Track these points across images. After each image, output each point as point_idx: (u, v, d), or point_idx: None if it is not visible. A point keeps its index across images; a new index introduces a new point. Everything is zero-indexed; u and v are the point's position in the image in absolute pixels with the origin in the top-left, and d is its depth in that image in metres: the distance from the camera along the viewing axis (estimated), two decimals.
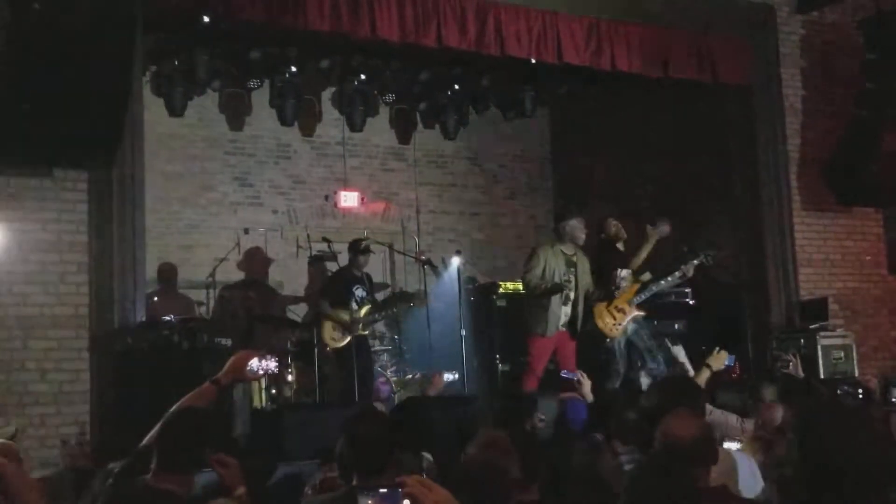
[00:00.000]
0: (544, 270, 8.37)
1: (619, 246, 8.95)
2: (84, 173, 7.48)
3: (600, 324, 8.57)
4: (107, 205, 7.50)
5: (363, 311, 9.10)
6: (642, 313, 8.71)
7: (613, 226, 8.93)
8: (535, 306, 8.44)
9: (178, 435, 3.51)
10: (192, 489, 3.46)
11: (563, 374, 7.36)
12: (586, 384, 6.52)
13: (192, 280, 10.48)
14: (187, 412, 3.74)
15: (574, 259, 8.50)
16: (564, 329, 8.46)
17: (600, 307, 8.64)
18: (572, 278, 8.43)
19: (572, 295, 8.44)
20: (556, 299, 8.30)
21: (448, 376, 8.64)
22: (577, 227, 8.50)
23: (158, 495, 3.37)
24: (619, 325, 8.58)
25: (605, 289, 8.58)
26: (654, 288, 8.72)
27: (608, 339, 8.59)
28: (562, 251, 8.47)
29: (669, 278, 8.74)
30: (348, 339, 8.97)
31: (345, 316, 9.04)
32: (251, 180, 11.34)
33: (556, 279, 8.32)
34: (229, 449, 3.66)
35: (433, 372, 6.81)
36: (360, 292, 9.22)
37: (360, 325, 9.06)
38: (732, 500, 3.41)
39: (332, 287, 9.41)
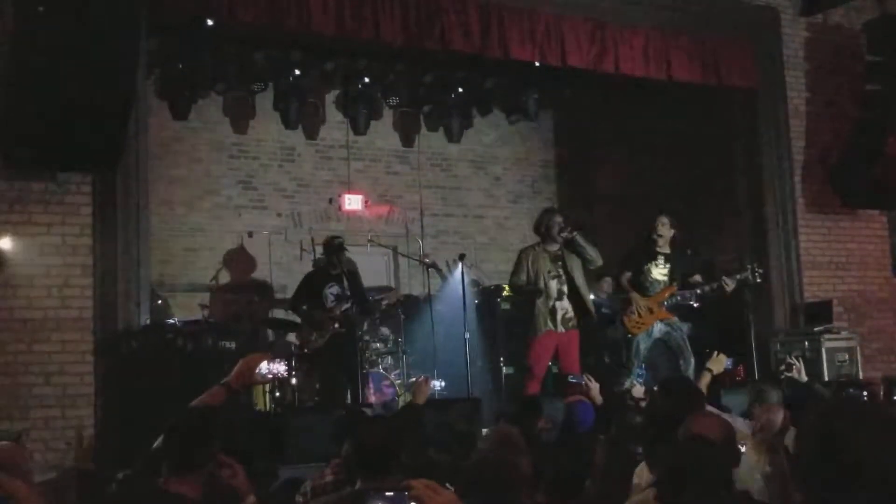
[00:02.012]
0: (528, 273, 8.41)
1: (661, 246, 8.59)
2: (88, 177, 7.48)
3: (625, 318, 8.52)
4: (111, 208, 7.51)
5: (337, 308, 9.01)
6: (672, 317, 8.53)
7: (661, 224, 8.58)
8: (525, 308, 8.49)
9: (187, 435, 3.49)
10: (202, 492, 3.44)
11: (571, 378, 7.35)
12: (594, 387, 6.51)
13: (195, 283, 10.49)
14: (193, 412, 3.73)
15: (559, 253, 8.49)
16: (566, 328, 8.43)
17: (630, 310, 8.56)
18: (561, 272, 8.42)
19: (566, 289, 8.43)
20: (542, 299, 8.32)
21: (435, 383, 8.58)
22: (552, 224, 8.47)
23: (171, 499, 3.34)
24: (644, 324, 8.45)
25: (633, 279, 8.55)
26: (689, 295, 8.52)
27: (629, 336, 8.53)
28: (545, 250, 8.49)
29: (707, 288, 8.53)
30: (326, 338, 8.91)
31: (317, 315, 8.98)
32: (255, 183, 11.36)
33: (542, 279, 8.36)
34: (236, 453, 3.64)
35: (420, 377, 6.73)
36: (333, 290, 9.12)
37: (336, 323, 8.96)
38: None
39: (304, 288, 9.36)
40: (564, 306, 8.43)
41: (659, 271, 8.58)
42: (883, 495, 1.98)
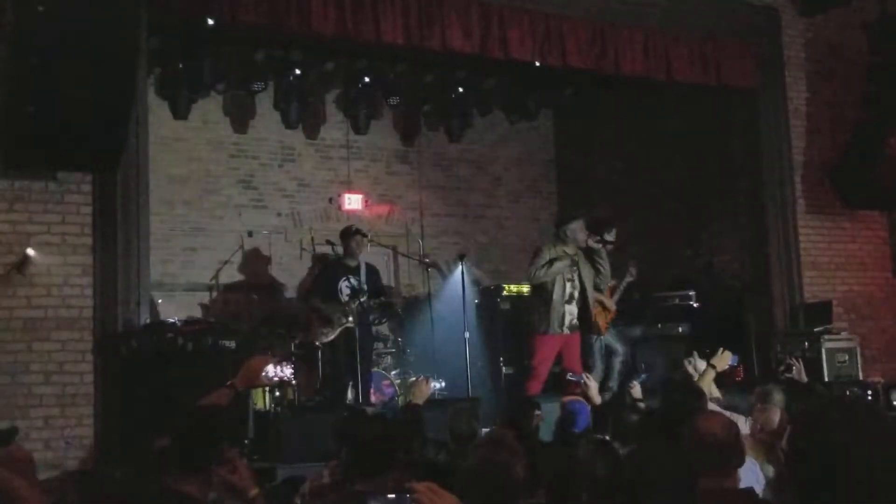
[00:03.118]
0: (549, 265, 8.43)
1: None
2: (88, 176, 7.49)
3: (598, 320, 8.82)
4: (111, 207, 7.51)
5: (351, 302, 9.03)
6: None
7: (580, 229, 9.04)
8: (538, 304, 8.48)
9: (194, 433, 3.49)
10: (210, 490, 3.44)
11: (570, 376, 7.36)
12: (593, 387, 6.50)
13: (195, 283, 10.49)
14: (200, 410, 3.74)
15: (576, 258, 8.54)
16: (570, 331, 8.46)
17: (597, 307, 8.96)
18: (575, 277, 8.47)
19: (577, 293, 8.47)
20: (559, 297, 8.34)
21: (435, 384, 8.60)
22: (578, 229, 8.53)
23: (177, 498, 3.35)
24: (608, 323, 9.19)
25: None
26: (621, 288, 9.56)
27: (595, 337, 8.97)
28: (564, 251, 8.51)
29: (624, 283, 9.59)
30: (337, 332, 8.91)
31: (330, 309, 8.97)
32: (255, 183, 11.34)
33: (559, 278, 8.40)
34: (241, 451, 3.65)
35: (420, 377, 6.70)
36: (348, 283, 9.12)
37: (348, 318, 8.95)
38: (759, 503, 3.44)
39: (319, 281, 9.36)
40: (572, 310, 8.48)
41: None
42: (877, 497, 1.98)
